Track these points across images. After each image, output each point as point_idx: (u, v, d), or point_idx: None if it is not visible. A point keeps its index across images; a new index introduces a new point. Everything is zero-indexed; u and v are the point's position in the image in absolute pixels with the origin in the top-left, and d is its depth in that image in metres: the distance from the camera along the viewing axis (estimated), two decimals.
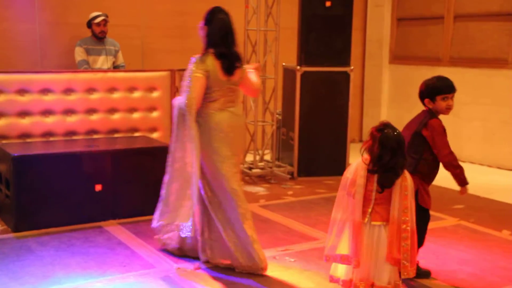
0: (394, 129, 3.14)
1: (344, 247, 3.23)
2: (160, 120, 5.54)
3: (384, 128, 3.13)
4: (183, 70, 5.66)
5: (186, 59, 7.11)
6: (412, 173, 3.26)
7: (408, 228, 3.16)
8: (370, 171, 3.14)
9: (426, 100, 3.59)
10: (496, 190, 5.88)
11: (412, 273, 3.18)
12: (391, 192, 3.16)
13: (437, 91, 3.54)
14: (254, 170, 6.21)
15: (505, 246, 4.21)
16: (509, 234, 4.48)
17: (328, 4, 6.07)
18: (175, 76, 5.53)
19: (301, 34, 6.19)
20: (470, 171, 6.73)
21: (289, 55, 6.68)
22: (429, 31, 7.72)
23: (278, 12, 6.18)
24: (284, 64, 6.54)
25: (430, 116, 3.57)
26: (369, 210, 3.20)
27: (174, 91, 5.52)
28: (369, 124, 7.40)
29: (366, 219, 3.20)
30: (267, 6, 6.28)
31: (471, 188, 5.75)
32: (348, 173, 3.22)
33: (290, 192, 5.71)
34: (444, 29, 7.51)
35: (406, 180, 3.18)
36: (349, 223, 3.19)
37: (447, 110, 3.59)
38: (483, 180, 6.34)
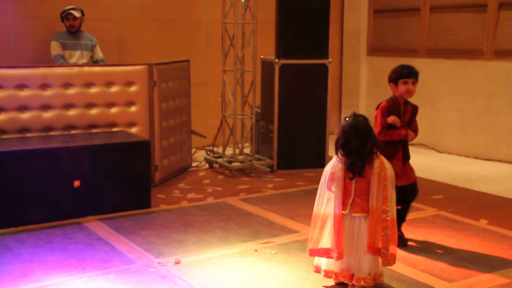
0: (359, 117, 3.19)
1: (326, 241, 3.25)
2: (139, 115, 5.49)
3: (348, 117, 3.19)
4: (161, 64, 5.67)
5: (164, 52, 7.12)
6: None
7: (388, 218, 3.20)
8: (341, 160, 3.17)
9: (391, 85, 3.97)
10: (474, 180, 5.96)
11: (392, 261, 3.23)
12: (370, 183, 3.18)
13: (399, 75, 3.91)
14: (234, 164, 6.20)
15: (483, 235, 4.26)
16: (486, 223, 4.54)
17: None
18: (153, 70, 5.49)
19: (278, 26, 6.18)
20: (448, 161, 6.88)
21: (267, 48, 6.67)
22: (406, 22, 7.77)
23: (256, 5, 6.16)
24: (262, 57, 6.53)
25: (387, 99, 3.96)
26: (350, 201, 3.22)
27: (152, 85, 5.48)
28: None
29: (347, 211, 3.22)
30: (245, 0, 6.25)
31: (450, 179, 5.90)
32: (328, 167, 3.25)
33: (270, 185, 5.71)
34: (420, 20, 7.56)
35: (385, 170, 3.21)
36: (330, 216, 3.22)
37: (408, 93, 3.92)
38: (461, 170, 6.42)
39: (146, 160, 4.91)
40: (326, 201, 3.27)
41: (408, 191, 3.94)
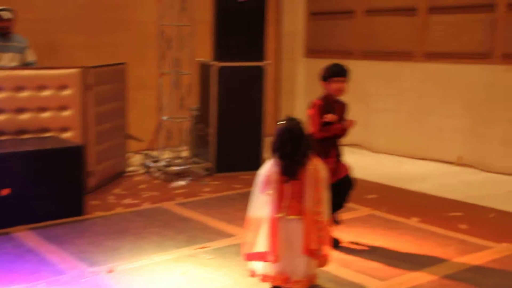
0: (293, 120, 3.22)
1: (262, 245, 3.26)
2: (72, 119, 5.37)
3: (283, 121, 3.21)
4: (96, 67, 5.55)
5: (99, 55, 6.98)
6: None
7: (322, 219, 3.23)
8: (275, 164, 3.19)
9: (322, 83, 4.04)
10: (407, 179, 6.12)
11: (326, 263, 3.27)
12: (305, 185, 3.21)
13: (331, 73, 4.00)
14: (171, 168, 6.14)
15: (414, 233, 4.39)
16: (417, 221, 4.68)
17: None
18: (87, 73, 5.37)
19: (215, 29, 6.17)
20: (382, 161, 7.04)
21: (205, 50, 6.64)
22: (341, 25, 7.91)
23: (193, 7, 6.12)
24: (199, 59, 6.50)
25: (320, 97, 4.02)
26: (284, 205, 3.24)
27: (86, 88, 5.36)
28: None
29: (282, 214, 3.24)
30: (182, 1, 6.20)
31: (385, 179, 6.03)
32: (262, 170, 3.25)
33: (207, 189, 5.70)
34: (355, 23, 7.71)
35: (319, 172, 3.24)
36: (266, 219, 3.23)
37: (339, 91, 4.02)
38: (395, 170, 6.59)
39: (79, 166, 4.81)
40: (261, 204, 3.28)
41: (344, 182, 4.03)
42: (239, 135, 6.26)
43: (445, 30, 6.77)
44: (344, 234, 4.24)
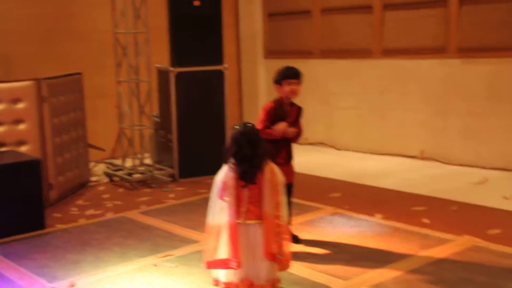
0: (249, 125, 3.22)
1: (223, 251, 3.23)
2: (29, 132, 5.26)
3: (238, 125, 3.20)
4: (50, 78, 5.46)
5: (52, 66, 6.85)
6: None
7: (281, 223, 3.22)
8: (232, 169, 3.17)
9: (276, 86, 4.04)
10: (370, 175, 6.16)
11: (287, 266, 3.26)
12: (263, 189, 3.20)
13: (283, 76, 3.99)
14: (134, 176, 6.08)
15: (378, 230, 4.41)
16: (380, 218, 4.71)
17: (196, 3, 6.04)
18: (41, 85, 5.27)
19: (171, 34, 6.12)
20: (346, 158, 7.08)
21: (162, 56, 6.59)
22: (299, 25, 7.93)
23: (147, 13, 6.07)
24: (157, 65, 6.44)
25: (273, 100, 4.04)
26: (243, 210, 3.22)
27: (42, 101, 5.26)
28: (249, 120, 7.50)
29: (241, 219, 3.22)
30: (135, 8, 6.14)
31: (348, 176, 6.06)
32: (219, 177, 3.23)
33: (171, 195, 5.65)
34: (313, 23, 7.74)
35: (276, 176, 3.24)
36: (225, 225, 3.20)
37: (292, 94, 3.99)
38: (358, 166, 6.63)
39: (38, 179, 4.71)
40: (220, 210, 3.25)
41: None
42: (201, 139, 6.22)
43: (401, 27, 6.85)
44: (308, 234, 4.25)
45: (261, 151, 3.19)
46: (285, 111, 4.02)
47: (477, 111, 6.27)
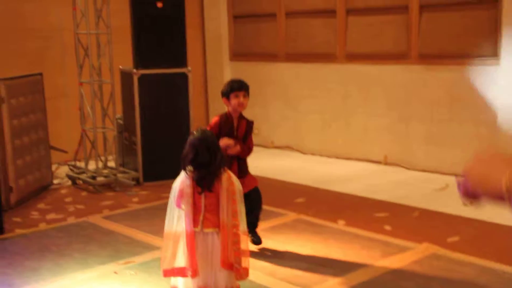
0: (206, 131, 3.21)
1: (180, 260, 3.21)
2: None
3: (196, 131, 3.18)
4: (9, 79, 5.33)
5: (9, 65, 6.69)
6: None
7: (239, 232, 3.21)
8: (189, 176, 3.15)
9: (224, 100, 4.01)
10: (334, 180, 6.17)
11: (245, 275, 3.25)
12: (220, 197, 3.19)
13: (230, 89, 3.95)
14: (97, 179, 6.00)
15: (339, 237, 4.43)
16: (343, 224, 4.73)
17: (159, 5, 5.98)
18: (0, 86, 5.16)
19: (134, 35, 6.04)
20: (311, 163, 7.11)
21: (126, 57, 6.51)
22: (264, 28, 7.93)
23: (108, 14, 5.98)
24: (120, 67, 6.37)
25: (220, 114, 4.00)
26: (201, 218, 3.20)
27: (0, 103, 5.15)
28: None
29: (198, 228, 3.20)
30: (96, 9, 6.05)
31: (312, 181, 6.08)
32: (175, 184, 3.20)
33: (135, 199, 5.59)
34: (277, 26, 7.75)
35: (233, 185, 3.22)
36: (182, 233, 3.18)
37: (240, 106, 3.95)
38: (322, 171, 6.65)
39: None
40: (177, 218, 3.23)
41: (251, 196, 3.94)
42: (166, 142, 6.17)
43: (364, 32, 6.90)
44: (269, 241, 4.25)
45: (219, 158, 3.17)
46: (233, 126, 3.98)
47: (439, 117, 6.36)
